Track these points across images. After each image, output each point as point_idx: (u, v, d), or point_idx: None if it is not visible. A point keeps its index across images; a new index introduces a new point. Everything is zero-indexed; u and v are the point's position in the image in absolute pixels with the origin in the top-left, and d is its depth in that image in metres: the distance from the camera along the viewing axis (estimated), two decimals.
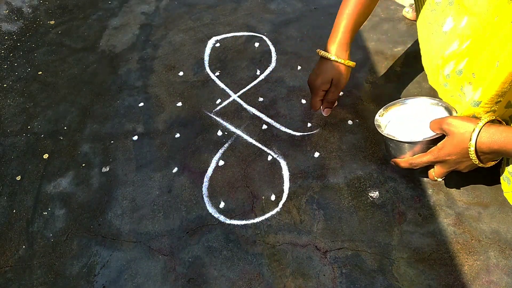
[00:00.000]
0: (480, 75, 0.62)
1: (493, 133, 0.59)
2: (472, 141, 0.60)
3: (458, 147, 0.63)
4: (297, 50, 1.11)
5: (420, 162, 0.70)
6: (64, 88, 1.05)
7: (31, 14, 1.30)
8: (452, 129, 0.63)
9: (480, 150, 0.61)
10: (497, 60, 0.57)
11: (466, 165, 0.66)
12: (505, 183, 0.70)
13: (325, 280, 0.68)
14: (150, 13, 1.28)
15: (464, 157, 0.64)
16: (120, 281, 0.70)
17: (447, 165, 0.68)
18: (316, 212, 0.77)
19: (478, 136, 0.60)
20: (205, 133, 0.92)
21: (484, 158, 0.63)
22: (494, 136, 0.59)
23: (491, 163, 0.65)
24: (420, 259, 0.69)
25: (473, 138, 0.60)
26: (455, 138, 0.63)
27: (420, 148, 0.70)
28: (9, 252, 0.75)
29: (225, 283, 0.69)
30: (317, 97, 0.85)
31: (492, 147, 0.59)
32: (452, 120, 0.64)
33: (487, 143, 0.60)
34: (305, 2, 1.27)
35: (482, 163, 0.64)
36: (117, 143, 0.91)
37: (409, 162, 0.71)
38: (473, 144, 0.61)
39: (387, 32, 1.14)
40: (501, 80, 0.57)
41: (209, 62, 1.10)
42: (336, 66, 0.82)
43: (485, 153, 0.61)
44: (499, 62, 0.57)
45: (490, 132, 0.59)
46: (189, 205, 0.79)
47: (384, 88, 0.99)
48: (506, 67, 0.55)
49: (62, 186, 0.84)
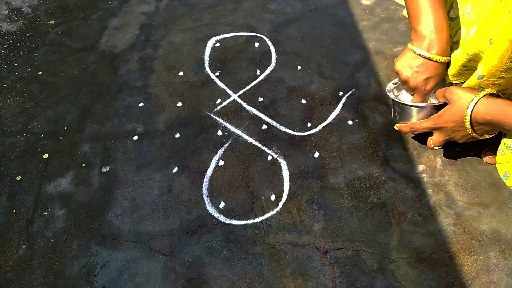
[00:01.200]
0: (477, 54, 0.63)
1: (489, 104, 0.61)
2: (468, 110, 0.63)
3: (455, 115, 0.65)
4: (297, 50, 1.11)
5: (420, 127, 0.72)
6: (64, 88, 1.05)
7: (31, 14, 1.30)
8: (453, 97, 0.65)
9: (474, 120, 0.63)
10: (489, 38, 0.58)
11: (462, 134, 0.68)
12: (499, 154, 0.72)
13: (325, 280, 0.68)
14: (150, 13, 1.28)
15: (460, 125, 0.66)
16: (120, 281, 0.70)
17: (444, 133, 0.70)
18: (316, 212, 0.77)
19: (475, 106, 0.62)
20: (205, 133, 0.92)
21: (478, 129, 0.65)
22: (490, 107, 0.61)
23: (486, 136, 0.67)
24: (420, 259, 0.69)
25: (470, 107, 0.62)
26: (454, 106, 0.65)
27: (423, 114, 0.73)
28: (9, 252, 0.75)
29: (225, 283, 0.69)
30: None
31: (486, 118, 0.61)
32: (455, 89, 0.66)
33: (482, 113, 0.62)
34: (305, 2, 1.27)
35: (476, 133, 0.65)
36: (117, 143, 0.91)
37: (410, 126, 0.74)
38: (469, 113, 0.63)
39: (387, 32, 1.14)
40: (497, 56, 0.58)
41: (209, 62, 1.10)
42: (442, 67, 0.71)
43: (480, 123, 0.63)
44: (492, 40, 0.58)
45: (486, 103, 0.61)
46: (189, 205, 0.79)
47: (384, 88, 0.99)
48: (500, 45, 0.56)
49: (62, 186, 0.84)
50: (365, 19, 1.18)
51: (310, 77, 1.03)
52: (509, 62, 0.58)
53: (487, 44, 0.59)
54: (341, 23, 1.17)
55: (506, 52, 0.56)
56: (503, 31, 0.55)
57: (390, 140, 0.87)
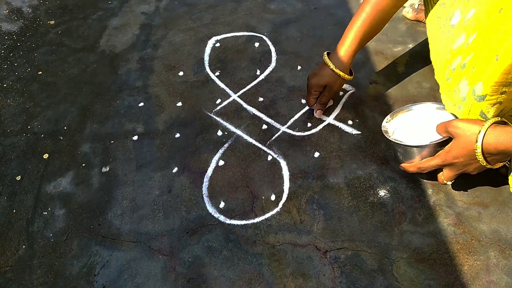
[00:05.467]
0: (479, 69, 0.62)
1: (499, 134, 0.59)
2: (478, 142, 0.60)
3: (465, 149, 0.63)
4: (297, 50, 1.11)
5: (429, 166, 0.70)
6: (64, 88, 1.05)
7: (31, 14, 1.30)
8: (458, 131, 0.63)
9: (486, 151, 0.61)
10: (496, 54, 0.58)
11: (475, 167, 0.66)
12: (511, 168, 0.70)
13: (325, 280, 0.68)
14: (150, 13, 1.28)
15: (471, 159, 0.64)
16: (120, 281, 0.70)
17: (456, 168, 0.67)
18: (316, 212, 0.77)
19: (484, 137, 0.60)
20: (205, 133, 0.92)
21: (491, 160, 0.63)
22: (500, 137, 0.59)
23: (499, 164, 0.65)
24: (420, 259, 0.69)
25: (479, 140, 0.60)
26: (461, 141, 0.63)
27: (427, 152, 0.70)
28: (9, 252, 0.75)
29: (225, 283, 0.69)
30: (310, 95, 0.91)
31: (499, 148, 0.59)
32: (457, 123, 0.64)
33: (493, 144, 0.59)
34: (305, 2, 1.27)
35: (489, 164, 0.63)
36: (117, 143, 0.91)
37: (418, 166, 0.72)
38: (480, 146, 0.60)
39: (387, 32, 1.14)
40: (500, 71, 0.57)
41: (209, 62, 1.10)
42: (332, 75, 0.86)
43: (492, 154, 0.61)
44: (498, 56, 0.57)
45: (495, 133, 0.59)
46: (189, 205, 0.79)
47: (384, 88, 0.99)
48: (506, 60, 0.56)
49: (62, 186, 0.84)
50: None
51: None
52: None
53: (492, 60, 0.58)
54: (341, 23, 1.17)
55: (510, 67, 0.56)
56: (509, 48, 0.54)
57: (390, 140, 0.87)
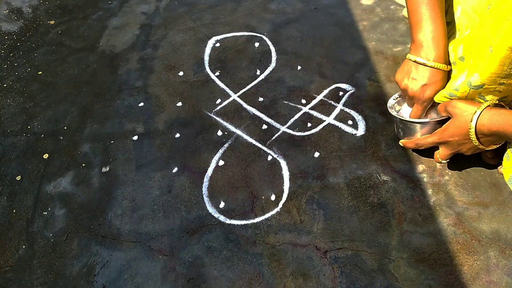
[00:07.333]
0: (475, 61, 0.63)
1: (493, 115, 0.61)
2: (473, 122, 0.62)
3: (460, 128, 0.65)
4: (297, 50, 1.11)
5: (426, 142, 0.72)
6: (64, 88, 1.05)
7: (31, 14, 1.30)
8: (455, 111, 0.65)
9: (480, 132, 0.63)
10: (489, 45, 0.58)
11: (468, 147, 0.68)
12: (505, 159, 0.72)
13: (325, 280, 0.68)
14: (150, 13, 1.28)
15: (465, 138, 0.66)
16: (120, 281, 0.70)
17: (451, 147, 0.70)
18: (316, 212, 0.77)
19: (479, 118, 0.62)
20: (205, 133, 0.92)
21: (484, 141, 0.65)
22: (494, 118, 0.61)
23: (493, 146, 0.67)
24: (420, 259, 0.69)
25: (474, 120, 0.62)
26: (457, 120, 0.65)
27: (427, 129, 0.73)
28: (9, 252, 0.75)
29: (225, 283, 0.69)
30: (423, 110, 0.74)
31: (491, 129, 0.61)
32: (456, 103, 0.66)
33: (486, 125, 0.61)
34: (305, 2, 1.27)
35: (482, 145, 0.65)
36: (117, 143, 0.91)
37: (415, 142, 0.75)
38: (473, 126, 0.63)
39: (387, 32, 1.14)
40: (497, 63, 0.58)
41: (209, 62, 1.10)
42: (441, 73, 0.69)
43: (485, 135, 0.63)
44: (492, 47, 0.58)
45: (490, 114, 0.61)
46: (189, 205, 0.79)
47: (384, 88, 0.99)
48: (500, 51, 0.57)
49: (62, 186, 0.84)
50: (365, 19, 1.18)
51: (310, 77, 1.02)
52: (509, 69, 0.58)
53: (486, 52, 0.59)
54: (341, 23, 1.17)
55: (507, 59, 0.57)
56: (503, 39, 0.56)
57: (390, 140, 0.87)
